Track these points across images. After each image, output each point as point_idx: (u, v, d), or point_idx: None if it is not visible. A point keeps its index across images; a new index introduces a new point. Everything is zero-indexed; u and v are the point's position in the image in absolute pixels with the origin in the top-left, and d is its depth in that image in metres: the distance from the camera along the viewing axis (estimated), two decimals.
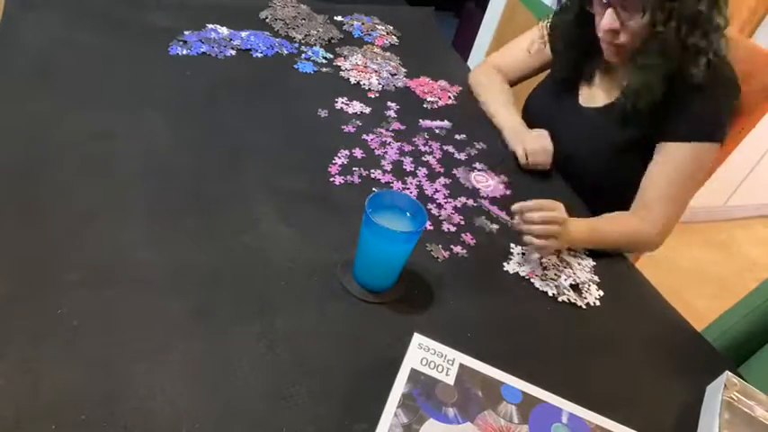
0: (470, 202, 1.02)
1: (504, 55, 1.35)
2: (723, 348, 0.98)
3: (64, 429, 0.57)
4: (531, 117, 1.23)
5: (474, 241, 0.94)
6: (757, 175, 2.54)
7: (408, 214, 0.79)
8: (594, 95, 1.16)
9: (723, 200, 2.61)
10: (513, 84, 1.34)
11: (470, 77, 1.36)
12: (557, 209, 0.89)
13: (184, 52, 1.22)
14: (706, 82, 0.96)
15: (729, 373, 0.77)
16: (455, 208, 1.00)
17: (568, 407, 0.67)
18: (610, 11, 0.96)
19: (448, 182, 1.05)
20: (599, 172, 1.12)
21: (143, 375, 0.64)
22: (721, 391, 0.74)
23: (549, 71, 1.28)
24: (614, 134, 1.09)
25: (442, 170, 1.08)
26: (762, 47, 1.11)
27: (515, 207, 0.89)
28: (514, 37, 1.36)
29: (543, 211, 0.87)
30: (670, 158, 1.02)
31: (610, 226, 0.99)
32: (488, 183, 1.09)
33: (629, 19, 0.96)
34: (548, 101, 1.24)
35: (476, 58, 2.54)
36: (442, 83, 1.37)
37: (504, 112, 1.23)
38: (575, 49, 1.13)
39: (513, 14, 2.31)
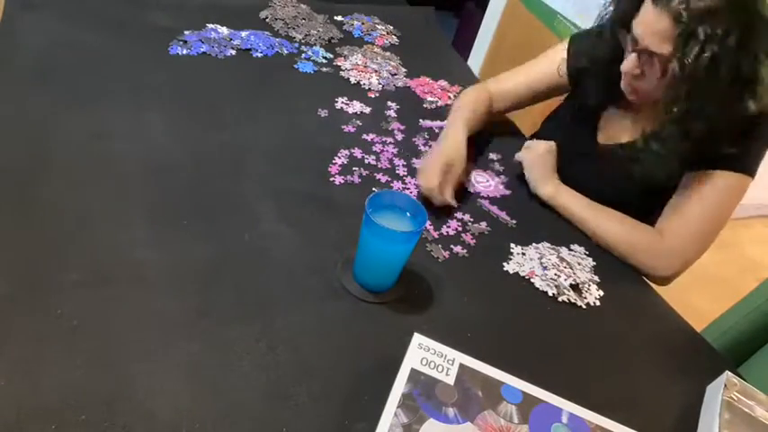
0: (471, 202, 1.02)
1: (502, 80, 1.24)
2: (723, 348, 0.98)
3: (64, 429, 0.57)
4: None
5: (474, 241, 0.94)
6: (759, 175, 2.50)
7: (408, 214, 0.79)
8: (617, 132, 1.10)
9: None
10: (507, 110, 1.25)
11: (459, 97, 1.23)
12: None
13: (184, 52, 1.22)
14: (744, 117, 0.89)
15: (729, 373, 0.77)
16: (455, 208, 1.00)
17: (568, 407, 0.67)
18: (634, 55, 0.91)
19: None
20: (625, 209, 1.04)
21: (143, 375, 0.64)
22: (721, 391, 0.74)
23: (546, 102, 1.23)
24: (641, 172, 0.99)
25: None
26: None
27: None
28: (514, 37, 1.34)
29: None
30: (705, 187, 0.95)
31: (607, 213, 1.00)
32: (488, 183, 1.09)
33: (651, 69, 0.91)
34: (564, 135, 1.15)
35: (476, 58, 2.55)
36: (443, 82, 1.37)
37: (451, 127, 1.09)
38: (605, 77, 1.05)
39: (513, 14, 2.31)
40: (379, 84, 1.29)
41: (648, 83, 0.93)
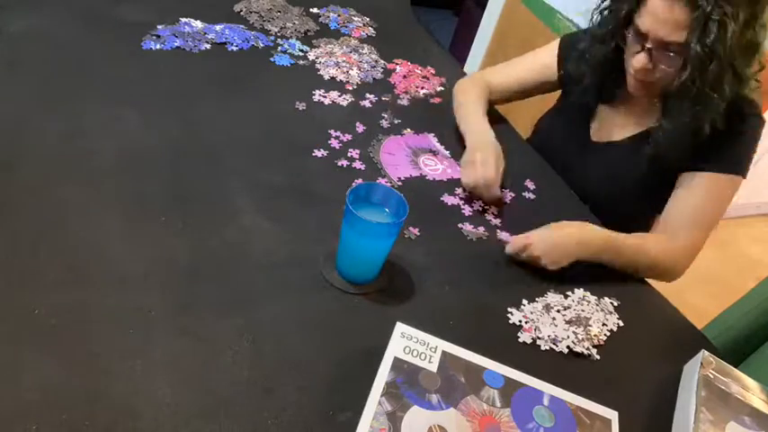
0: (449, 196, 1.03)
1: (497, 72, 1.27)
2: (723, 347, 1.00)
3: (45, 429, 0.57)
4: (541, 148, 1.21)
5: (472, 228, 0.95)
6: (757, 174, 2.48)
7: (389, 207, 0.79)
8: (610, 129, 1.13)
9: None
10: (498, 102, 1.28)
11: (456, 86, 1.26)
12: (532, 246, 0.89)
13: (158, 47, 1.21)
14: (734, 118, 0.95)
15: (705, 351, 0.79)
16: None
17: (549, 389, 0.69)
18: (644, 51, 0.93)
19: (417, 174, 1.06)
20: (622, 207, 1.09)
21: (124, 373, 0.63)
22: (698, 369, 0.76)
23: (547, 96, 1.25)
24: (636, 169, 1.06)
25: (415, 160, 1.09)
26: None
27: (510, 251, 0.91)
28: (514, 36, 1.33)
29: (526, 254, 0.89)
30: (696, 187, 0.99)
31: (630, 240, 0.96)
32: (436, 166, 1.09)
33: (665, 61, 0.92)
34: (558, 135, 1.20)
35: (475, 56, 2.54)
36: (422, 70, 1.37)
37: (474, 118, 1.14)
38: (600, 77, 1.07)
39: (512, 13, 2.31)
40: (357, 76, 1.28)
41: (660, 75, 0.95)
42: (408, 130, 1.16)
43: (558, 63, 1.18)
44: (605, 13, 1.02)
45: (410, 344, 0.69)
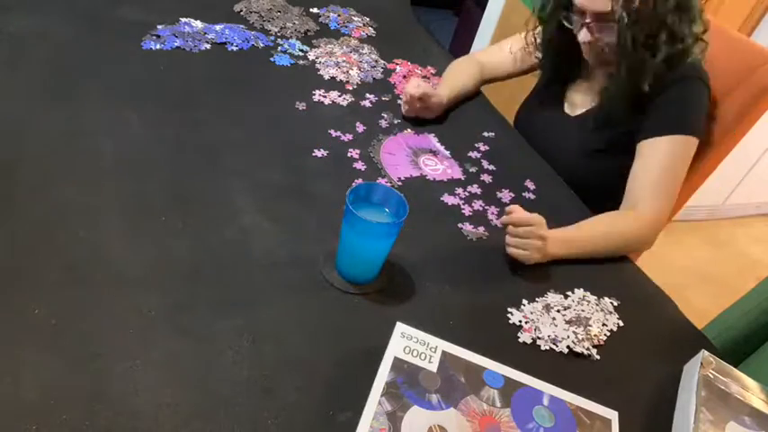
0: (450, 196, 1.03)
1: (489, 52, 1.38)
2: (722, 347, 0.99)
3: (45, 429, 0.57)
4: (521, 127, 1.29)
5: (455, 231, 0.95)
6: (757, 174, 2.54)
7: (389, 207, 0.79)
8: (577, 103, 1.21)
9: (723, 198, 2.60)
10: (491, 81, 1.36)
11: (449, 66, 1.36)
12: (541, 225, 0.89)
13: (158, 47, 1.21)
14: (675, 81, 1.03)
15: (705, 351, 0.79)
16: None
17: (549, 389, 0.68)
18: (585, 29, 1.03)
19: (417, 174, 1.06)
20: (586, 178, 1.14)
21: (124, 373, 0.63)
22: (698, 369, 0.76)
23: (532, 77, 1.32)
24: (593, 139, 1.13)
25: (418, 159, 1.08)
26: (761, 45, 1.12)
27: (505, 219, 0.89)
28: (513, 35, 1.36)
29: (529, 227, 0.88)
30: (650, 155, 1.04)
31: (592, 230, 0.98)
32: (436, 166, 1.09)
33: (605, 31, 1.02)
34: (535, 111, 1.28)
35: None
36: (422, 70, 1.37)
37: (449, 78, 1.29)
38: (556, 54, 1.17)
39: (512, 12, 2.31)
40: (357, 76, 1.28)
41: (605, 43, 1.04)
42: (408, 130, 1.16)
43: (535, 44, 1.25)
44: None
45: (410, 344, 0.69)
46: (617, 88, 1.06)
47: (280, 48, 1.32)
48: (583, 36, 1.04)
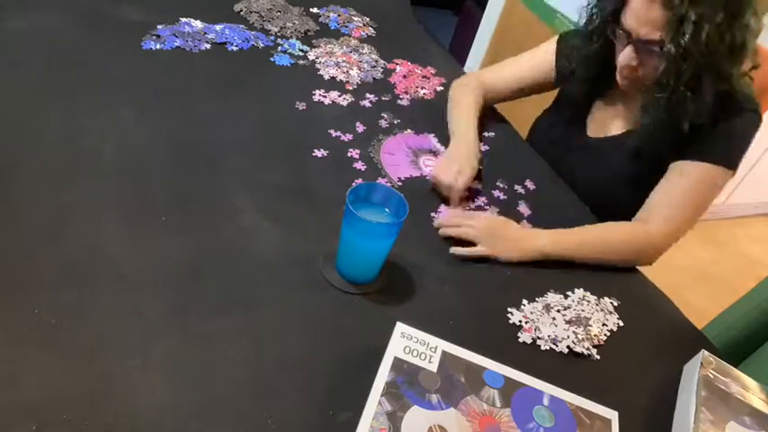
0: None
1: (494, 71, 1.28)
2: (722, 347, 1.00)
3: (46, 429, 0.57)
4: (539, 147, 1.22)
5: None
6: (757, 174, 2.55)
7: (389, 207, 0.79)
8: (606, 124, 1.14)
9: (723, 198, 2.60)
10: (495, 101, 1.29)
11: (452, 86, 1.26)
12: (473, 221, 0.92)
13: (158, 47, 1.21)
14: (728, 111, 0.97)
15: (705, 351, 0.79)
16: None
17: (549, 389, 0.68)
18: (630, 47, 0.96)
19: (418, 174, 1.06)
20: (619, 203, 1.08)
21: (124, 373, 0.63)
22: (698, 369, 0.76)
23: (546, 96, 1.27)
24: (630, 163, 1.07)
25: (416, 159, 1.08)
26: (761, 45, 1.12)
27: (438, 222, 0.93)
28: (514, 35, 1.33)
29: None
30: (680, 176, 1.00)
31: (586, 233, 0.97)
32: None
33: (648, 58, 0.96)
34: (555, 132, 1.22)
35: (475, 56, 2.54)
36: (422, 70, 1.37)
37: (464, 120, 1.14)
38: (592, 72, 1.10)
39: (512, 13, 2.31)
40: (357, 76, 1.28)
41: (644, 72, 0.98)
42: (408, 130, 1.16)
43: (555, 60, 1.19)
44: (594, 9, 1.04)
45: (410, 344, 0.69)
46: (654, 126, 0.99)
47: (280, 48, 1.32)
48: (625, 57, 0.97)
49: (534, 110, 1.32)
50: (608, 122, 1.14)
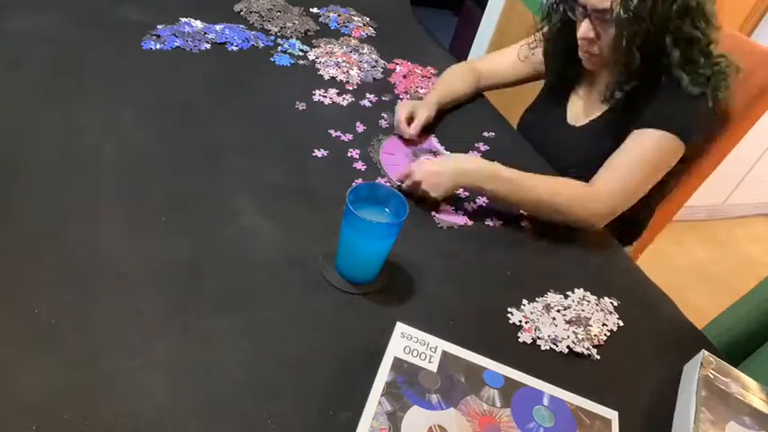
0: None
1: (488, 59, 1.36)
2: (722, 347, 0.99)
3: (45, 429, 0.57)
4: (524, 133, 1.26)
5: (456, 229, 0.95)
6: (757, 174, 2.54)
7: (389, 207, 0.79)
8: (584, 111, 1.18)
9: (723, 198, 2.60)
10: (490, 88, 1.35)
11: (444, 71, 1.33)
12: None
13: (158, 47, 1.21)
14: (689, 86, 0.98)
15: (705, 351, 0.79)
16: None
17: (549, 389, 0.68)
18: (587, 21, 1.00)
19: None
20: None
21: (125, 373, 0.63)
22: (698, 369, 0.76)
23: (530, 85, 1.30)
24: (596, 148, 1.09)
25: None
26: (761, 45, 1.12)
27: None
28: (514, 35, 1.36)
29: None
30: (633, 142, 1.01)
31: (538, 181, 0.98)
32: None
33: (605, 29, 0.99)
34: (538, 118, 1.26)
35: (475, 56, 2.51)
36: (422, 70, 1.37)
37: (440, 84, 1.26)
38: (560, 54, 1.15)
39: (512, 12, 2.31)
40: (357, 76, 1.28)
41: (604, 44, 1.02)
42: None
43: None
44: None
45: (410, 344, 0.69)
46: (622, 102, 1.05)
47: (280, 48, 1.32)
48: (582, 31, 1.02)
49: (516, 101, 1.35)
50: (586, 109, 1.18)
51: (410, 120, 1.13)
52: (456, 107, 1.27)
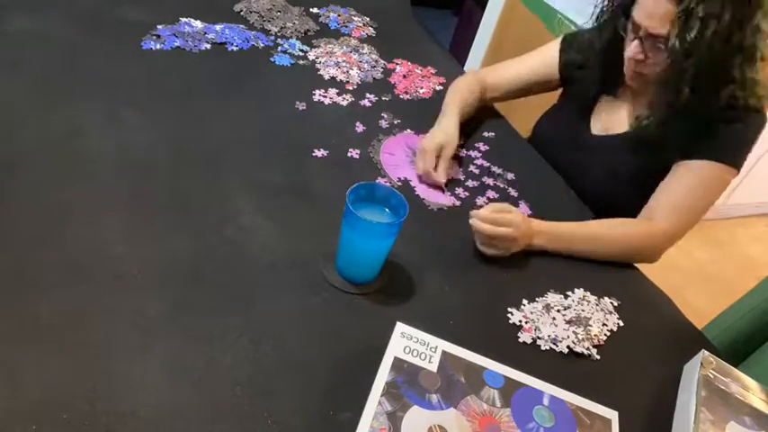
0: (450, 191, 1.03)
1: (496, 70, 1.28)
2: (722, 347, 0.99)
3: (45, 429, 0.57)
4: (541, 146, 1.22)
5: (455, 229, 0.95)
6: (757, 174, 2.53)
7: (389, 207, 0.79)
8: (611, 122, 1.14)
9: (723, 198, 2.53)
10: (497, 100, 1.29)
11: (454, 84, 1.25)
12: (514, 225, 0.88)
13: (158, 47, 1.21)
14: (735, 110, 0.96)
15: (705, 351, 0.79)
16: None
17: (549, 389, 0.68)
18: (637, 41, 0.97)
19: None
20: (612, 200, 1.09)
21: (125, 373, 0.63)
22: (698, 369, 0.76)
23: (546, 96, 1.27)
24: (634, 161, 1.07)
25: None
26: None
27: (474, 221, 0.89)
28: (513, 35, 1.34)
29: (495, 227, 0.87)
30: (685, 174, 1.00)
31: (587, 229, 0.98)
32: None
33: (655, 53, 0.96)
34: (558, 131, 1.22)
35: (475, 56, 2.54)
36: (422, 70, 1.37)
37: (449, 110, 1.13)
38: (601, 64, 1.10)
39: (512, 13, 2.31)
40: (357, 76, 1.28)
41: (651, 67, 0.98)
42: (408, 130, 1.16)
43: (559, 60, 1.20)
44: (605, 2, 1.06)
45: (410, 344, 0.69)
46: (659, 124, 1.00)
47: (280, 48, 1.32)
48: (631, 51, 0.98)
49: (535, 110, 1.32)
50: (613, 120, 1.14)
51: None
52: None
